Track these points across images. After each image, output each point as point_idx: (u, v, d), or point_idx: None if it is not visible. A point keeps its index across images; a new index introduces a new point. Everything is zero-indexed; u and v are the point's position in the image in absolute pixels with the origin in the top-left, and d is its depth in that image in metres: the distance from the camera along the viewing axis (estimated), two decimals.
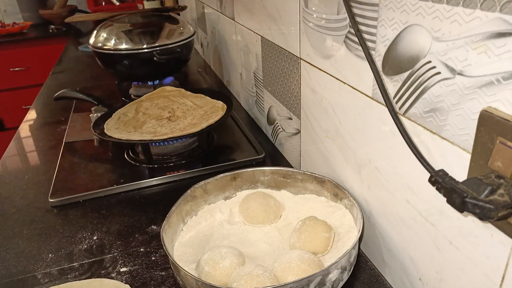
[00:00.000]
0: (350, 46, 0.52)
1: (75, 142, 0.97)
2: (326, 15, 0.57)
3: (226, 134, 0.97)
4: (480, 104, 0.34)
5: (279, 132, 0.88)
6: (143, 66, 1.13)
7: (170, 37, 1.12)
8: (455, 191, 0.31)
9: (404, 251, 0.49)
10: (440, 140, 0.39)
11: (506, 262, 0.34)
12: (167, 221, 0.56)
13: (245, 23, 0.97)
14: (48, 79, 1.54)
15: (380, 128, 0.49)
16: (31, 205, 0.75)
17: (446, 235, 0.41)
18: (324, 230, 0.55)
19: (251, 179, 0.68)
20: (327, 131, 0.63)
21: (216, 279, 0.49)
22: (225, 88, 1.32)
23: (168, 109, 0.91)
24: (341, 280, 0.49)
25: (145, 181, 0.79)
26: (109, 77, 1.37)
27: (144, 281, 0.56)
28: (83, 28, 2.63)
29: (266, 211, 0.61)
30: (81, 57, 1.86)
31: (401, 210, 0.48)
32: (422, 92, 0.40)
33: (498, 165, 0.32)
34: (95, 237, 0.65)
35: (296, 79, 0.72)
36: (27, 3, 2.77)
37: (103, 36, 1.13)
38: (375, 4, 0.45)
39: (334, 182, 0.61)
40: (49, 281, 0.57)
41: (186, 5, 1.43)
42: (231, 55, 1.19)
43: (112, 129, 0.85)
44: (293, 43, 0.70)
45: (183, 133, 0.80)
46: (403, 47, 0.42)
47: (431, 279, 0.45)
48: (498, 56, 0.31)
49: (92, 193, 0.76)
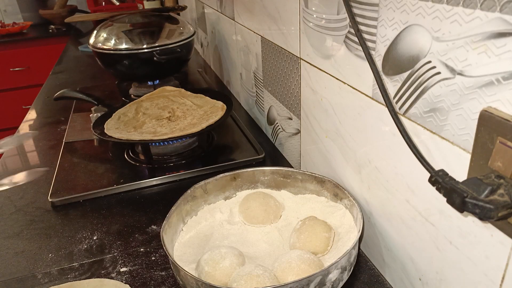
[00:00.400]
0: (350, 46, 0.52)
1: (75, 142, 0.97)
2: (326, 15, 0.57)
3: (226, 134, 0.97)
4: (480, 104, 0.34)
5: (279, 132, 0.88)
6: (143, 66, 1.13)
7: (170, 37, 1.12)
8: (455, 191, 0.31)
9: (404, 251, 0.49)
10: (440, 140, 0.39)
11: (506, 262, 0.34)
12: (167, 221, 0.56)
13: (245, 23, 0.97)
14: (48, 79, 1.54)
15: (380, 128, 0.49)
16: (31, 205, 0.75)
17: (446, 235, 0.41)
18: (324, 230, 0.55)
19: (251, 179, 0.68)
20: (327, 131, 0.63)
21: (216, 279, 0.49)
22: (225, 88, 1.32)
23: (168, 109, 0.91)
24: (341, 280, 0.49)
25: (145, 181, 0.79)
26: (109, 77, 1.37)
27: (144, 281, 0.56)
28: (83, 28, 2.64)
29: (266, 211, 0.61)
30: (81, 57, 1.86)
31: (401, 210, 0.48)
32: (422, 92, 0.40)
33: (498, 165, 0.32)
34: (95, 237, 0.65)
35: (296, 79, 0.72)
36: (27, 3, 2.77)
37: (103, 36, 1.13)
38: (375, 4, 0.45)
39: (334, 182, 0.61)
40: (49, 281, 0.57)
41: (186, 5, 1.43)
42: (231, 55, 1.19)
43: (112, 129, 0.85)
44: (293, 43, 0.70)
45: (183, 133, 0.80)
46: (403, 47, 0.42)
47: (431, 279, 0.45)
48: (498, 56, 0.31)
49: (92, 193, 0.76)
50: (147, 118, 0.88)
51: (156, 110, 0.91)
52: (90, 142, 0.96)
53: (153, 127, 0.84)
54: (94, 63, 1.23)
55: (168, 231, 0.55)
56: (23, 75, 2.46)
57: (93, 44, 1.14)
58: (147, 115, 0.90)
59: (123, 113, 0.92)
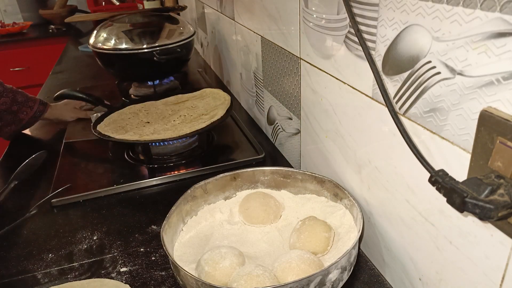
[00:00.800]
0: (350, 46, 0.52)
1: (75, 142, 0.97)
2: (326, 15, 0.57)
3: (226, 134, 0.97)
4: (480, 104, 0.34)
5: (279, 132, 0.88)
6: (143, 66, 1.12)
7: (170, 37, 1.12)
8: (455, 191, 0.31)
9: (404, 251, 0.49)
10: (440, 140, 0.39)
11: (506, 262, 0.34)
12: (167, 221, 0.56)
13: (245, 23, 0.97)
14: (48, 79, 1.54)
15: (380, 128, 0.49)
16: (31, 205, 0.75)
17: (446, 235, 0.41)
18: (323, 230, 0.55)
19: (251, 179, 0.68)
20: (327, 131, 0.63)
21: (216, 279, 0.49)
22: (225, 88, 1.32)
23: (169, 110, 0.91)
24: (341, 280, 0.49)
25: (145, 181, 0.79)
26: (109, 77, 1.37)
27: (144, 281, 0.56)
28: (83, 28, 2.63)
29: (266, 211, 0.61)
30: (81, 57, 1.86)
31: (401, 210, 0.48)
32: (422, 92, 0.40)
33: (498, 165, 0.32)
34: (95, 237, 0.65)
35: (296, 79, 0.72)
36: (27, 3, 2.77)
37: (103, 36, 1.13)
38: (375, 4, 0.45)
39: (334, 182, 0.61)
40: (49, 281, 0.57)
41: (186, 5, 1.43)
42: (231, 55, 1.19)
43: (112, 129, 0.85)
44: (293, 43, 0.70)
45: (183, 133, 0.80)
46: (403, 47, 0.42)
47: (431, 279, 0.45)
48: (498, 56, 0.31)
49: (92, 193, 0.76)
50: (147, 119, 0.88)
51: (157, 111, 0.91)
52: (90, 142, 0.96)
53: (154, 127, 0.84)
54: (94, 63, 1.23)
55: (168, 231, 0.55)
56: (23, 75, 2.46)
57: (93, 44, 1.14)
58: (148, 117, 0.90)
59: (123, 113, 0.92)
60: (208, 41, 1.51)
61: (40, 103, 1.01)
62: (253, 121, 1.06)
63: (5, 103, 0.94)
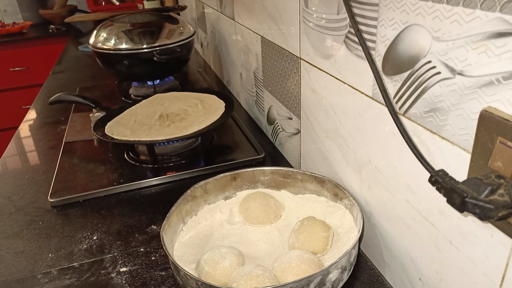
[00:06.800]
0: (350, 46, 0.52)
1: (75, 142, 0.97)
2: (326, 15, 0.57)
3: (226, 134, 0.97)
4: (480, 104, 0.34)
5: (279, 132, 0.88)
6: (143, 66, 1.13)
7: (170, 37, 1.12)
8: (455, 191, 0.31)
9: (404, 251, 0.49)
10: (440, 140, 0.39)
11: (506, 262, 0.34)
12: (167, 221, 0.56)
13: (245, 23, 0.97)
14: (48, 79, 1.54)
15: (380, 128, 0.49)
16: (31, 205, 0.75)
17: (446, 235, 0.41)
18: (322, 230, 0.55)
19: (251, 179, 0.68)
20: (327, 131, 0.63)
21: (216, 279, 0.49)
22: (225, 88, 1.32)
23: (169, 110, 0.91)
24: (341, 280, 0.49)
25: (145, 181, 0.79)
26: (109, 77, 1.37)
27: (144, 281, 0.56)
28: (83, 28, 2.64)
29: (266, 211, 0.61)
30: (81, 57, 1.86)
31: (401, 210, 0.48)
32: (422, 92, 0.40)
33: (498, 165, 0.32)
34: (95, 237, 0.65)
35: (296, 79, 0.72)
36: (27, 3, 2.77)
37: (103, 36, 1.13)
38: (375, 4, 0.45)
39: (334, 182, 0.61)
40: (49, 281, 0.57)
41: (186, 5, 1.43)
42: (231, 55, 1.19)
43: (114, 129, 0.84)
44: (293, 43, 0.70)
45: (184, 133, 0.80)
46: (403, 47, 0.42)
47: (431, 279, 0.45)
48: (498, 56, 0.31)
49: (92, 193, 0.76)
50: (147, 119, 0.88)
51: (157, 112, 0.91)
52: (90, 142, 0.96)
53: (154, 128, 0.84)
54: (94, 63, 1.23)
55: (168, 231, 0.55)
56: (23, 75, 2.46)
57: (93, 44, 1.14)
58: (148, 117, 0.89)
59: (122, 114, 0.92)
60: (208, 41, 1.51)
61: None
62: (253, 121, 1.06)
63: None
